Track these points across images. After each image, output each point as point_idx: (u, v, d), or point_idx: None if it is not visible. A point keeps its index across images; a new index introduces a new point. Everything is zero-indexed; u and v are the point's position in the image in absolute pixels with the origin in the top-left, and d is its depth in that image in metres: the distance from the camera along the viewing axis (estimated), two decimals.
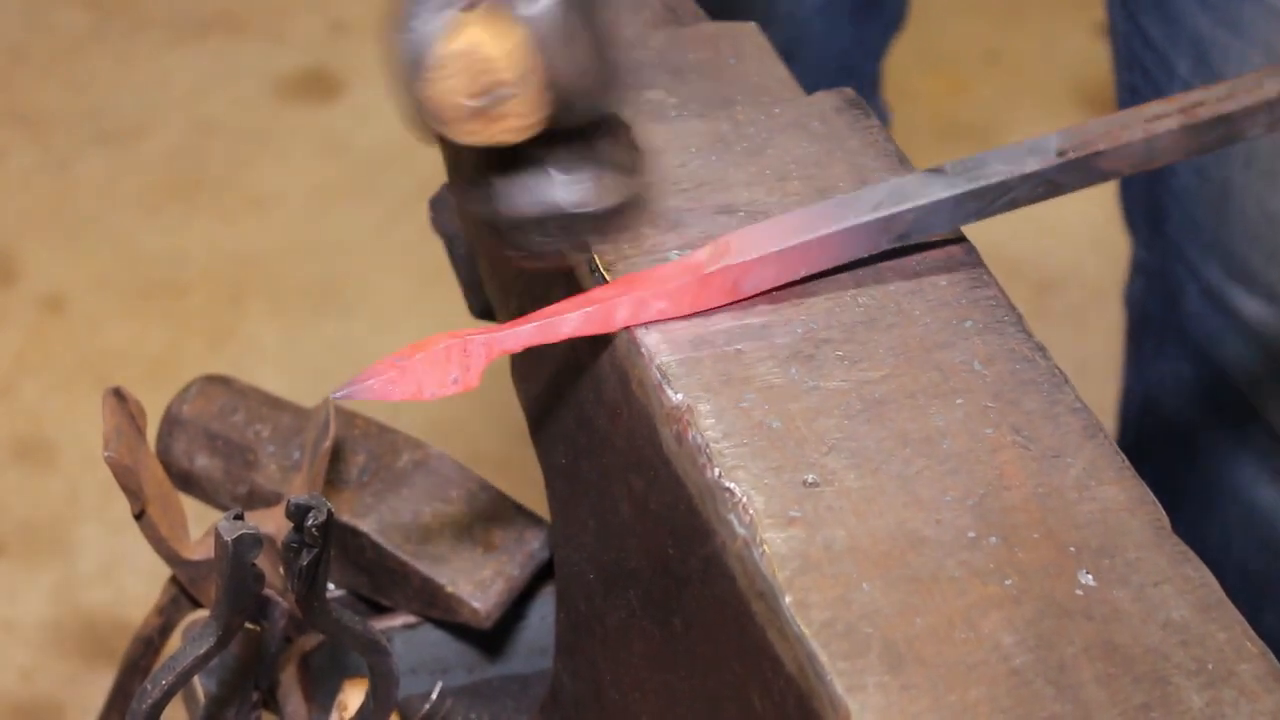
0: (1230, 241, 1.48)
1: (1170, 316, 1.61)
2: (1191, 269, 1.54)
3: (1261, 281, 1.47)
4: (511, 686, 1.21)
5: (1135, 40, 1.53)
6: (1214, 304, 1.52)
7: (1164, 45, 1.48)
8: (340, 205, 2.72)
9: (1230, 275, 1.49)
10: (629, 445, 0.88)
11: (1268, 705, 0.75)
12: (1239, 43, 1.40)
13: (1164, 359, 1.66)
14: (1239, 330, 1.51)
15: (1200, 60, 1.44)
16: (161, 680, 0.95)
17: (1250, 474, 1.61)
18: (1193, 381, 1.62)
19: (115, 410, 1.05)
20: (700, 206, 0.94)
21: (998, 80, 2.95)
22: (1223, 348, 1.55)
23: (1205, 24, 1.42)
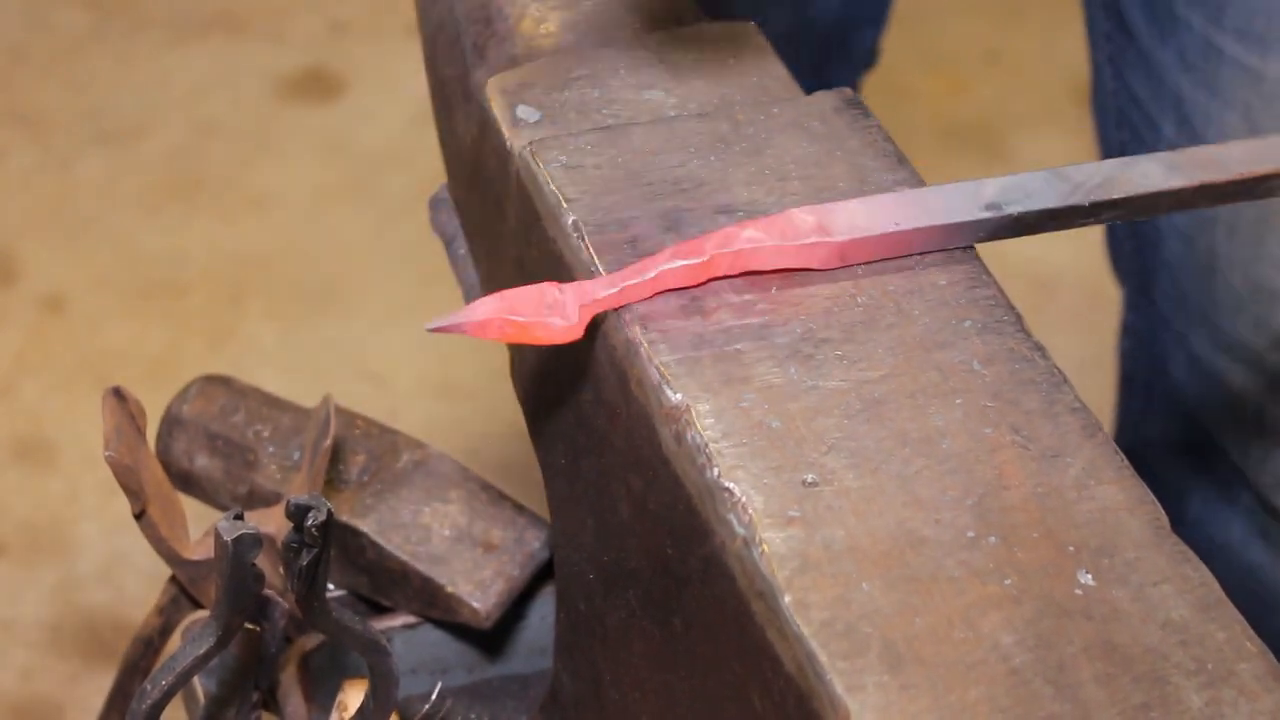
0: (1216, 312, 1.48)
1: (1157, 381, 1.61)
2: (1179, 337, 1.54)
3: (1248, 350, 1.47)
4: (511, 686, 1.21)
5: (1123, 98, 1.53)
6: (1201, 372, 1.52)
7: (1149, 105, 1.48)
8: (340, 205, 2.72)
9: (1216, 345, 1.49)
10: (628, 445, 0.88)
11: (1267, 705, 0.75)
12: (1216, 104, 1.40)
13: (1152, 418, 1.66)
14: (1226, 399, 1.51)
15: (1183, 121, 1.44)
16: (161, 680, 0.95)
17: (1239, 534, 1.61)
18: (1181, 445, 1.62)
19: (115, 410, 1.05)
20: (700, 206, 0.94)
21: (998, 80, 2.95)
22: (1211, 415, 1.54)
23: (1186, 85, 1.43)
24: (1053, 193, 0.92)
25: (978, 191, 0.92)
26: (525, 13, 1.09)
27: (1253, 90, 1.38)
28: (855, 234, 0.90)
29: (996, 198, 0.92)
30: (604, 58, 1.05)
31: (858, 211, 0.91)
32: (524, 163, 0.97)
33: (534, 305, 0.86)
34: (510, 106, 1.02)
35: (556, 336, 0.86)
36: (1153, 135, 1.48)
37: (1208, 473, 1.60)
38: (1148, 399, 1.65)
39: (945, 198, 0.92)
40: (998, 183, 0.93)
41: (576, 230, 0.92)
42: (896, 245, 0.91)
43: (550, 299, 0.86)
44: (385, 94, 2.89)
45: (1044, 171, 0.93)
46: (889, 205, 0.91)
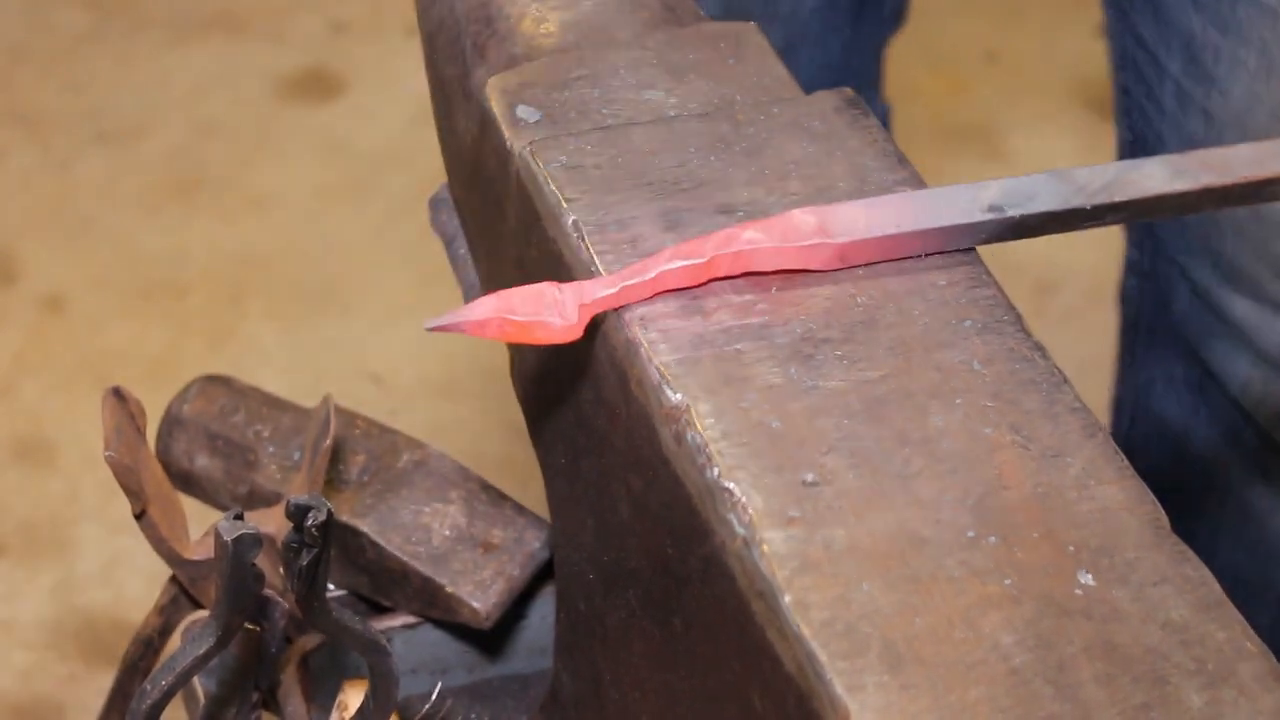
0: (1218, 240, 1.48)
1: (1161, 317, 1.62)
2: (1181, 268, 1.54)
3: (1249, 280, 1.47)
4: (511, 686, 1.21)
5: (1128, 39, 1.53)
6: (1204, 305, 1.53)
7: (1156, 45, 1.48)
8: (340, 205, 2.72)
9: (1219, 274, 1.50)
10: (628, 445, 0.88)
11: (1267, 705, 0.75)
12: (1230, 42, 1.40)
13: (1155, 360, 1.66)
14: (1229, 332, 1.52)
15: (1191, 60, 1.44)
16: (161, 680, 0.95)
17: (1242, 476, 1.61)
18: (1184, 383, 1.62)
19: (115, 410, 1.05)
20: (700, 206, 0.94)
21: (998, 80, 2.95)
22: (1213, 350, 1.55)
23: (1197, 24, 1.43)
24: (1055, 195, 0.92)
25: (979, 194, 0.92)
26: (526, 12, 1.09)
27: (1271, 29, 1.38)
28: (856, 236, 0.90)
29: (999, 200, 0.92)
30: (604, 58, 1.05)
31: (859, 213, 0.91)
32: (524, 162, 0.97)
33: (533, 305, 0.86)
34: (510, 106, 1.02)
35: (556, 336, 0.86)
36: (1157, 74, 1.48)
37: (1210, 412, 1.60)
38: (1150, 337, 1.65)
39: (947, 200, 0.92)
40: (1000, 185, 0.93)
41: (576, 230, 0.92)
42: (897, 247, 0.91)
43: (550, 299, 0.86)
44: (385, 94, 2.89)
45: (1046, 174, 0.93)
46: (891, 207, 0.91)
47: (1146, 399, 1.69)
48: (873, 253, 0.90)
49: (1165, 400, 1.65)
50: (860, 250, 0.90)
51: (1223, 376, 1.55)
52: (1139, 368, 1.70)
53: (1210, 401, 1.59)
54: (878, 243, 0.90)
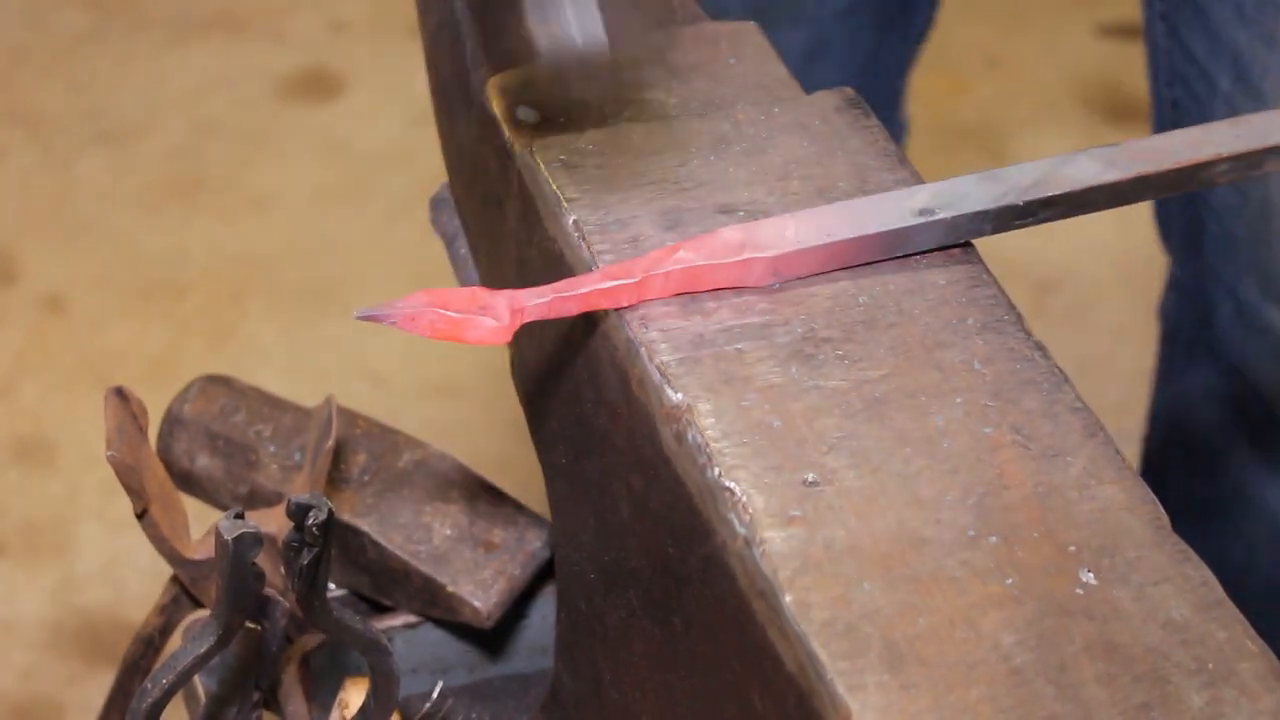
0: (1268, 260, 1.48)
1: (1202, 333, 1.61)
2: (1227, 287, 1.54)
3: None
4: (512, 686, 1.21)
5: (1176, 55, 1.53)
6: (1248, 323, 1.52)
7: (1206, 60, 1.48)
8: (340, 205, 2.72)
9: (1266, 294, 1.49)
10: (629, 445, 0.88)
11: (1268, 704, 0.75)
12: (1276, 57, 1.40)
13: (1194, 374, 1.66)
14: (1272, 349, 1.51)
15: (1240, 76, 1.44)
16: (162, 679, 0.95)
17: (1277, 492, 1.61)
18: (1222, 398, 1.62)
19: (117, 409, 1.05)
20: (700, 206, 0.94)
21: (998, 82, 2.95)
22: (1255, 366, 1.55)
23: (1244, 38, 1.43)
24: (986, 195, 0.92)
25: (910, 198, 0.92)
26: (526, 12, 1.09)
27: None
28: (785, 249, 0.89)
29: (929, 203, 0.91)
30: (605, 57, 1.05)
31: (787, 225, 0.90)
32: (525, 162, 0.97)
33: (466, 304, 0.86)
34: (511, 106, 1.02)
35: (486, 337, 0.86)
36: (1208, 90, 1.48)
37: (1245, 428, 1.60)
38: (1190, 354, 1.65)
39: (878, 206, 0.91)
40: (931, 188, 0.92)
41: (577, 229, 0.92)
42: (832, 258, 0.90)
43: (482, 300, 0.86)
44: (385, 94, 2.89)
45: (977, 174, 0.93)
46: (820, 218, 0.91)
47: (1183, 413, 1.69)
48: (807, 265, 0.90)
49: (1203, 414, 1.65)
50: (793, 263, 0.89)
51: (1264, 392, 1.55)
52: (1176, 382, 1.70)
53: (1249, 417, 1.59)
54: (811, 254, 0.90)
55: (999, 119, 2.87)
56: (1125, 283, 2.52)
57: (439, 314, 0.85)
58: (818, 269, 0.90)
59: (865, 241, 0.90)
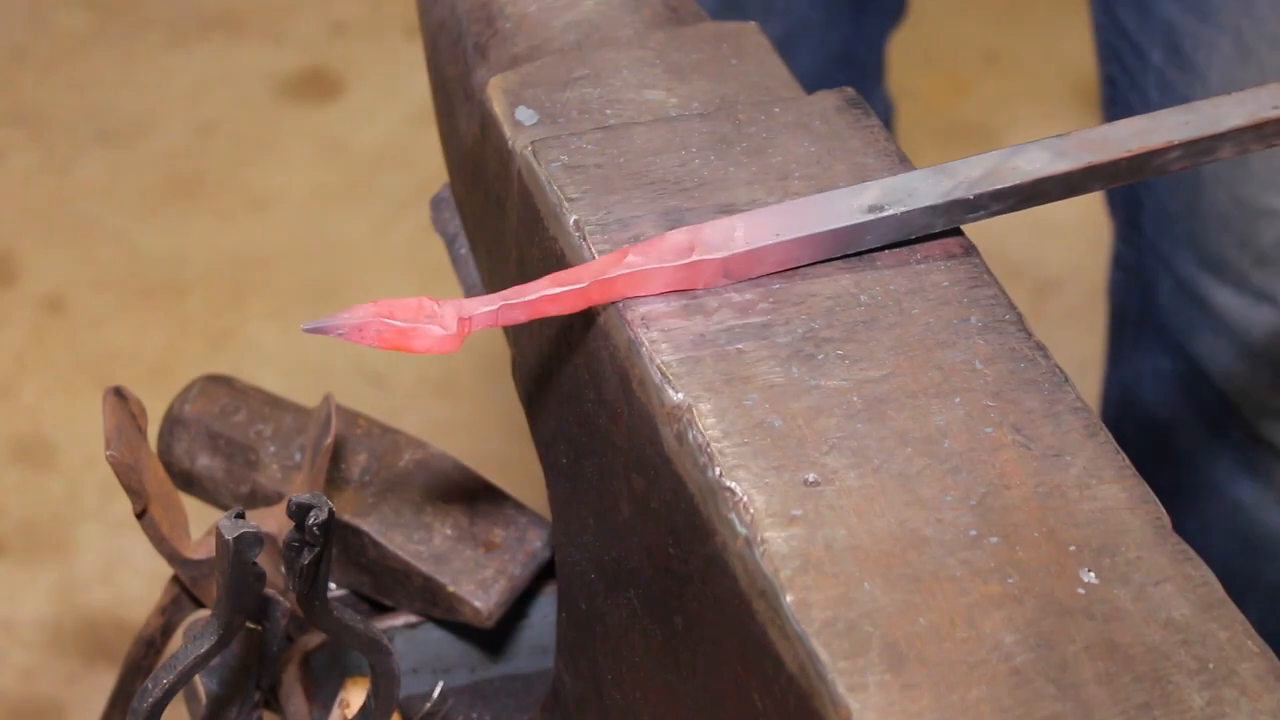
0: (1202, 231, 1.49)
1: (1147, 310, 1.62)
2: (1165, 261, 1.55)
3: (1233, 271, 1.48)
4: (513, 686, 1.21)
5: (1111, 32, 1.54)
6: (1188, 296, 1.53)
7: (1138, 35, 1.49)
8: (340, 205, 2.72)
9: (1202, 266, 1.50)
10: (630, 445, 0.88)
11: (1268, 704, 0.75)
12: (1208, 30, 1.41)
13: (1142, 354, 1.67)
14: (1212, 323, 1.52)
15: (1172, 49, 1.45)
16: (163, 679, 0.96)
17: (1229, 470, 1.61)
18: (1170, 376, 1.63)
19: (116, 409, 1.05)
20: (701, 206, 0.94)
21: (997, 80, 2.95)
22: (1198, 341, 1.55)
23: (1176, 11, 1.44)
24: (935, 189, 0.92)
25: (860, 195, 0.91)
26: (527, 12, 1.10)
27: (1244, 13, 1.39)
28: (735, 249, 0.89)
29: (879, 199, 0.91)
30: (606, 57, 1.05)
31: (735, 225, 0.90)
32: (526, 162, 0.97)
33: (412, 314, 0.85)
34: (512, 106, 1.02)
35: (433, 346, 0.85)
36: (1139, 64, 1.50)
37: (1196, 405, 1.61)
38: (1138, 331, 1.66)
39: (828, 204, 0.91)
40: (881, 184, 0.92)
41: (578, 229, 0.92)
42: (782, 257, 0.90)
43: (429, 310, 0.86)
44: (385, 94, 2.89)
45: (927, 169, 0.93)
46: (770, 217, 0.90)
47: (1134, 393, 1.69)
48: (757, 264, 0.89)
49: (1152, 394, 1.66)
50: (744, 264, 0.89)
51: (1208, 368, 1.55)
52: (1126, 362, 1.71)
53: (1196, 394, 1.60)
54: (760, 253, 0.89)
55: (998, 117, 2.87)
56: None
57: (385, 324, 0.85)
58: (770, 269, 0.90)
59: (815, 240, 0.90)
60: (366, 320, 0.85)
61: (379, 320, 0.85)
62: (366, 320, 0.85)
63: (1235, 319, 1.50)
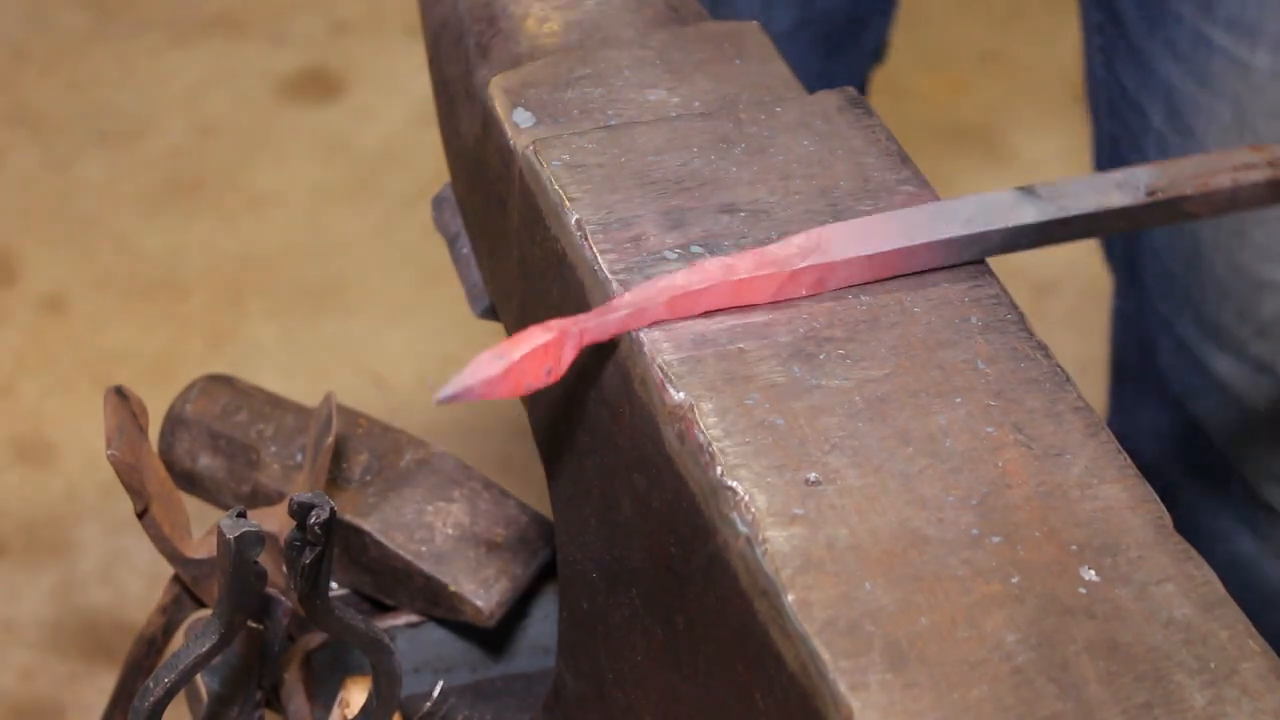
0: (1202, 298, 1.48)
1: (1147, 367, 1.62)
2: (1165, 323, 1.54)
3: (1232, 338, 1.47)
4: (514, 685, 1.21)
5: (1113, 90, 1.53)
6: (1187, 359, 1.53)
7: (1139, 96, 1.48)
8: (340, 205, 2.72)
9: (1202, 331, 1.49)
10: (631, 444, 0.88)
11: (1269, 704, 0.75)
12: (1207, 96, 1.41)
13: (1142, 408, 1.66)
14: (1212, 386, 1.52)
15: (1173, 112, 1.44)
16: (164, 678, 0.96)
17: (1229, 525, 1.61)
18: (1170, 432, 1.62)
19: (117, 409, 1.05)
20: (702, 206, 0.94)
21: (997, 80, 2.95)
22: (1198, 402, 1.55)
23: (1176, 75, 1.43)
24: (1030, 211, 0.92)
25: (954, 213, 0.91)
26: (529, 12, 1.10)
27: (1241, 81, 1.39)
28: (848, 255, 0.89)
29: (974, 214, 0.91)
30: (607, 57, 1.05)
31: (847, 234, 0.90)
32: (527, 162, 0.97)
33: (536, 372, 0.84)
34: (513, 105, 1.02)
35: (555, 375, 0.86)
36: (1141, 125, 1.49)
37: (1197, 462, 1.60)
38: (1139, 386, 1.66)
39: (933, 215, 0.91)
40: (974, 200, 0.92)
41: (580, 229, 0.92)
42: (877, 268, 0.90)
43: (547, 365, 0.84)
44: (385, 94, 2.89)
45: (1014, 191, 0.93)
46: (871, 229, 0.90)
47: (1134, 445, 1.69)
48: (853, 275, 0.90)
49: (1152, 447, 1.65)
50: (840, 272, 0.89)
51: (1208, 428, 1.55)
52: (1127, 414, 1.70)
53: (1197, 452, 1.59)
54: (859, 263, 0.90)
55: (998, 117, 2.87)
56: None
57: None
58: (856, 280, 0.90)
59: (913, 251, 0.90)
60: (489, 387, 0.83)
61: (495, 385, 0.83)
62: (489, 387, 0.83)
63: (1235, 385, 1.49)
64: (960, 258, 0.91)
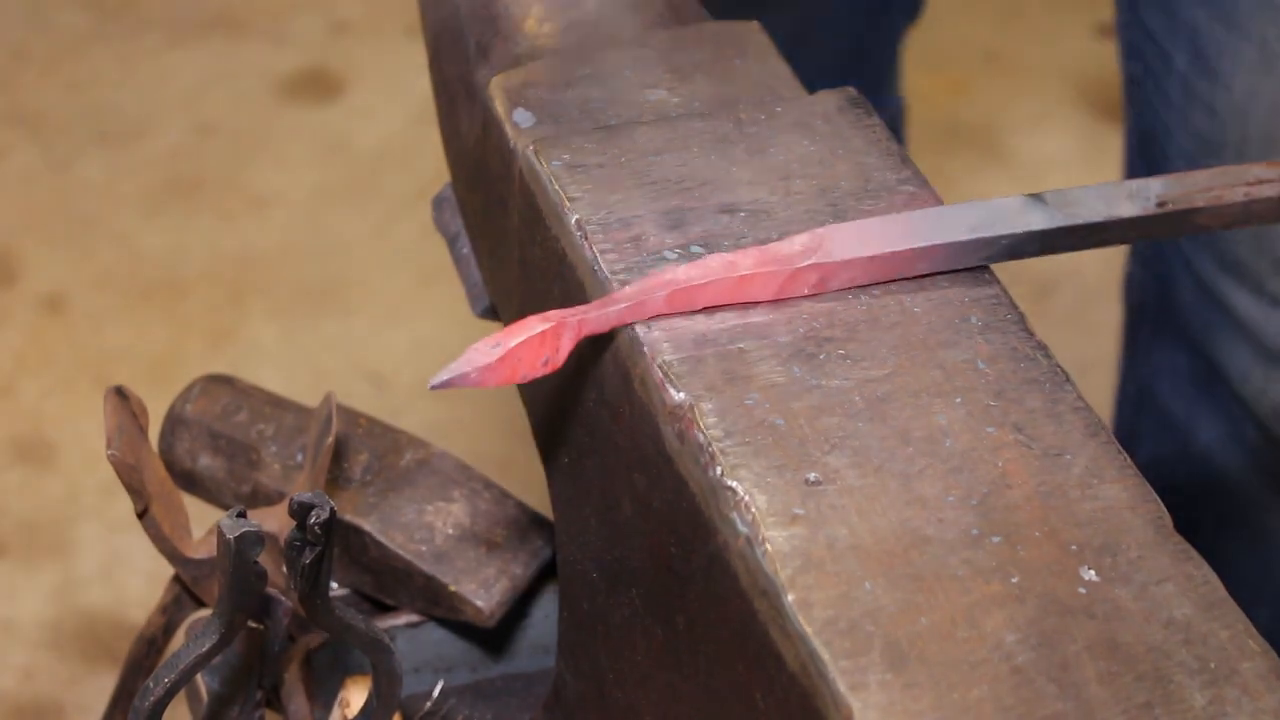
0: (1222, 236, 1.48)
1: (1165, 307, 1.62)
2: (1184, 259, 1.54)
3: (1250, 273, 1.47)
4: (514, 685, 1.21)
5: (1136, 31, 1.53)
6: (1207, 296, 1.53)
7: (1163, 37, 1.48)
8: (340, 205, 2.72)
9: (1221, 267, 1.50)
10: (631, 444, 0.88)
11: (1270, 703, 0.75)
12: (1233, 36, 1.40)
13: (1159, 349, 1.66)
14: (1230, 323, 1.52)
15: (1197, 54, 1.44)
16: (164, 678, 0.96)
17: (1242, 470, 1.61)
18: (1188, 374, 1.62)
19: (117, 408, 1.05)
20: (703, 205, 0.94)
21: (997, 80, 2.95)
22: (1216, 341, 1.55)
23: (1202, 16, 1.43)
24: (1037, 218, 0.92)
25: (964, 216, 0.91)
26: (529, 12, 1.10)
27: (1270, 23, 1.38)
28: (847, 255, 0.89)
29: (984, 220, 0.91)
30: (607, 57, 1.05)
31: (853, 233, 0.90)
32: (527, 162, 0.97)
33: (532, 361, 0.85)
34: (513, 106, 1.02)
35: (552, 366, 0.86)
36: (1164, 67, 1.48)
37: (1213, 403, 1.60)
38: (1155, 328, 1.65)
39: (938, 219, 0.91)
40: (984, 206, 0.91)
41: (580, 229, 0.93)
42: (879, 270, 0.90)
43: (544, 355, 0.85)
44: (385, 94, 2.89)
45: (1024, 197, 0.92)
46: (873, 231, 0.90)
47: (1151, 391, 1.69)
48: (856, 277, 0.90)
49: (1170, 393, 1.65)
50: (842, 273, 0.89)
51: (1225, 369, 1.55)
52: (1142, 358, 1.70)
53: (1214, 394, 1.60)
54: (861, 264, 0.90)
55: (998, 117, 2.87)
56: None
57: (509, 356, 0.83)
58: (861, 281, 0.90)
59: (916, 254, 0.90)
60: (485, 374, 0.83)
61: (490, 372, 0.83)
62: (485, 374, 0.83)
63: (1253, 322, 1.49)
64: (965, 263, 0.91)
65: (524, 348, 0.83)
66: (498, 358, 0.83)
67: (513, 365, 0.83)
